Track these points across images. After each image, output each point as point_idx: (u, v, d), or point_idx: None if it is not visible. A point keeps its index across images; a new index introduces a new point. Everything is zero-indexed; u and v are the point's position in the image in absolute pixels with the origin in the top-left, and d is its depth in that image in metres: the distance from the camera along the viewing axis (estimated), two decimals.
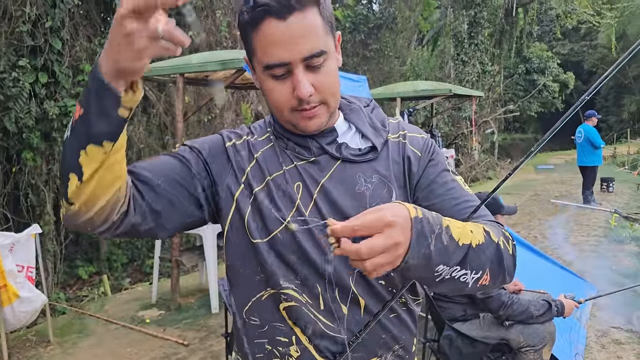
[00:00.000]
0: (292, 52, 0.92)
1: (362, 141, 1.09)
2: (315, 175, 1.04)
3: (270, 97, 0.99)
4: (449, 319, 2.81)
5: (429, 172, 1.07)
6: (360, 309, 1.01)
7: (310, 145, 1.05)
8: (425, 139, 1.12)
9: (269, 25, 0.91)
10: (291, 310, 1.02)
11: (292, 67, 0.94)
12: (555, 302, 2.75)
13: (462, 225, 0.90)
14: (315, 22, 0.93)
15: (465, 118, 15.91)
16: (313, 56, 0.93)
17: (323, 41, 0.95)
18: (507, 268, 0.98)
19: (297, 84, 0.94)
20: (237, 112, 9.05)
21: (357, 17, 14.71)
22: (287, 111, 0.99)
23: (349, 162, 1.05)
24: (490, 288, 0.99)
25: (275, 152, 1.07)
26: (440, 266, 0.84)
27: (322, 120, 1.01)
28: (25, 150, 6.48)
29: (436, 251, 0.82)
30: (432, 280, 0.86)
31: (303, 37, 0.92)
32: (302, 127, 1.01)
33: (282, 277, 1.01)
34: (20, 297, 3.69)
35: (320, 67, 0.96)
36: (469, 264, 0.88)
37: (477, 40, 16.67)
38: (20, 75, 6.10)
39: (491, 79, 17.81)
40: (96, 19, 7.81)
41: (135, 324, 4.68)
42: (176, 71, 4.82)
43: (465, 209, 1.03)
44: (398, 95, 9.07)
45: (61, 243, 7.33)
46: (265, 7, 0.90)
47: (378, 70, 15.47)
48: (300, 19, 0.91)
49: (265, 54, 0.94)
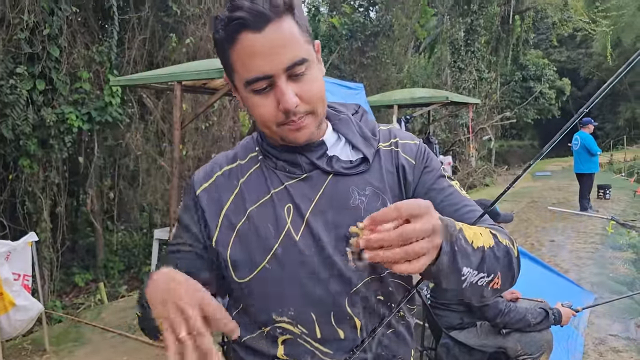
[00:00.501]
0: (273, 62, 0.89)
1: (352, 152, 1.05)
2: (307, 193, 1.00)
3: (256, 113, 0.96)
4: (446, 327, 2.81)
5: (425, 180, 1.05)
6: (357, 330, 0.99)
7: (300, 161, 1.01)
8: (418, 145, 1.10)
9: (246, 39, 0.88)
10: (288, 343, 0.99)
11: (275, 79, 0.91)
12: (553, 310, 2.75)
13: (472, 229, 0.89)
14: (293, 30, 0.90)
15: (463, 125, 15.96)
16: (295, 64, 0.90)
17: (304, 49, 0.92)
18: (515, 270, 0.97)
19: (281, 96, 0.91)
20: (235, 120, 9.06)
21: (354, 24, 14.75)
22: (274, 126, 0.96)
23: (341, 176, 1.01)
24: (500, 292, 0.98)
25: (262, 174, 1.04)
26: (465, 268, 0.83)
27: (311, 130, 0.98)
28: (22, 157, 6.47)
29: (459, 252, 0.81)
30: (460, 285, 0.85)
31: (283, 46, 0.89)
32: (291, 140, 0.98)
33: (274, 311, 0.99)
34: (16, 305, 3.67)
35: (303, 75, 0.92)
36: (485, 267, 0.87)
37: (474, 48, 16.76)
38: (17, 82, 6.10)
39: (488, 86, 17.89)
40: (94, 26, 7.83)
41: (131, 332, 4.66)
42: (174, 79, 4.83)
43: (466, 213, 1.02)
44: (395, 103, 9.08)
45: (57, 250, 7.31)
46: (240, 21, 0.87)
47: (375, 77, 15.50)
48: (277, 29, 0.88)
49: (246, 68, 0.91)
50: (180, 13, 8.27)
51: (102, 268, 8.40)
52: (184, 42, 8.25)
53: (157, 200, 9.17)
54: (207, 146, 9.06)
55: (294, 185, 1.01)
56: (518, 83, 23.08)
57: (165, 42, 8.37)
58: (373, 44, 15.19)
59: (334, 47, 14.46)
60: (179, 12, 8.23)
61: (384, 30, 15.32)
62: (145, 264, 8.72)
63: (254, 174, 1.05)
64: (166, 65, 7.98)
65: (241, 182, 1.04)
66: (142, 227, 10.24)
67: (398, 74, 16.66)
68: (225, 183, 1.05)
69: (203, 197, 1.05)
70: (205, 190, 1.06)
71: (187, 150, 8.70)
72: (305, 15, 0.97)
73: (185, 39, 8.28)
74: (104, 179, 8.75)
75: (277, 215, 0.99)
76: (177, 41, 8.21)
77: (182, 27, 8.49)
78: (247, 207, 1.01)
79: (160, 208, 9.55)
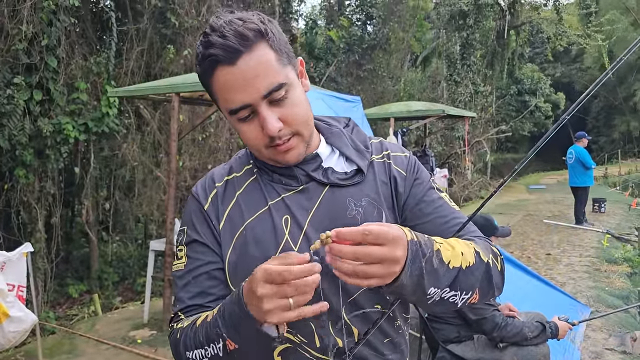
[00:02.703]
0: (249, 93, 0.92)
1: (347, 164, 1.08)
2: (304, 205, 1.02)
3: (244, 138, 1.00)
4: (442, 340, 2.80)
5: (416, 192, 1.08)
6: (355, 339, 1.00)
7: (297, 173, 1.04)
8: (409, 158, 1.12)
9: (222, 73, 0.92)
10: (286, 353, 1.00)
11: (256, 107, 0.94)
12: (550, 324, 2.75)
13: (452, 248, 0.91)
14: (267, 57, 0.93)
15: (458, 138, 16.03)
16: (272, 91, 0.93)
17: (281, 74, 0.94)
18: (495, 285, 1.00)
19: (264, 123, 0.94)
20: (232, 131, 9.06)
21: (351, 37, 14.85)
22: (263, 149, 0.99)
23: (337, 187, 1.03)
24: (479, 304, 1.01)
25: (259, 186, 1.06)
26: (431, 289, 0.86)
27: (300, 150, 1.01)
28: (18, 168, 6.45)
29: (427, 274, 0.84)
30: (424, 302, 0.89)
31: (257, 76, 0.92)
32: (280, 161, 1.01)
33: None
34: (10, 316, 3.63)
35: (284, 99, 0.95)
36: (458, 286, 0.91)
37: (470, 62, 16.89)
38: (14, 93, 6.11)
39: (483, 100, 18.00)
40: (92, 37, 7.86)
41: (126, 344, 4.62)
42: (172, 90, 4.84)
43: (455, 226, 1.04)
44: (392, 116, 9.13)
45: (52, 261, 7.27)
46: (213, 57, 0.92)
47: (371, 90, 15.57)
48: (249, 60, 0.91)
49: (226, 100, 0.95)
50: (178, 25, 8.32)
51: (97, 279, 8.34)
52: (182, 54, 8.28)
53: (152, 211, 9.14)
54: (203, 157, 9.06)
55: (291, 197, 1.03)
56: (513, 97, 23.25)
57: (163, 54, 8.40)
58: (370, 57, 15.30)
59: (331, 59, 14.55)
60: (177, 23, 8.28)
61: (380, 44, 15.44)
62: (140, 275, 8.67)
63: (251, 186, 1.06)
64: (163, 76, 8.00)
65: (238, 194, 1.06)
66: (137, 238, 10.20)
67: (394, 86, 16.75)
68: (223, 195, 1.07)
69: (211, 211, 1.07)
70: (211, 203, 1.07)
71: (184, 161, 8.70)
72: (282, 36, 0.99)
73: (183, 50, 8.32)
74: (100, 189, 8.73)
75: (275, 226, 1.01)
76: (174, 53, 8.24)
77: (180, 38, 8.54)
78: (245, 218, 1.03)
79: (155, 219, 9.52)
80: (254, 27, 0.93)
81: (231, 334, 0.86)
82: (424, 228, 1.03)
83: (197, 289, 1.02)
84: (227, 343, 0.87)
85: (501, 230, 3.09)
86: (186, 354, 0.94)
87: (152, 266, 5.12)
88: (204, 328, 0.91)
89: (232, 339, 0.86)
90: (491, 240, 1.10)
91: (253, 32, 0.92)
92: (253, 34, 0.92)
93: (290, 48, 1.00)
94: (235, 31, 0.91)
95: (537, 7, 20.49)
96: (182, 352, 0.95)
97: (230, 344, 0.87)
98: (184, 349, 0.95)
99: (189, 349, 0.93)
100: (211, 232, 1.05)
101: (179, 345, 0.96)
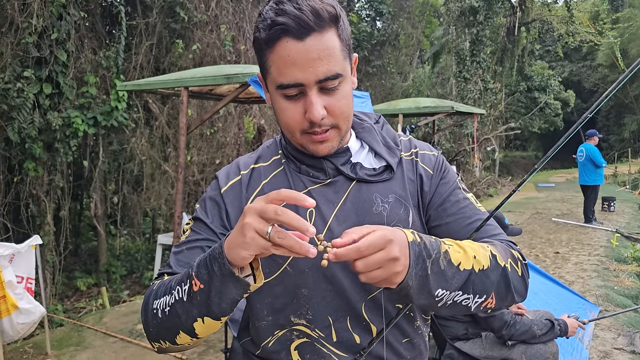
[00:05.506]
0: (307, 73, 0.89)
1: (375, 160, 1.06)
2: (331, 198, 1.01)
3: (282, 117, 0.97)
4: (450, 338, 2.79)
5: (441, 191, 1.06)
6: (372, 335, 1.00)
7: (325, 166, 1.02)
8: (437, 157, 1.11)
9: (286, 45, 0.89)
10: (303, 347, 1.00)
11: (306, 89, 0.91)
12: (558, 321, 2.73)
13: (463, 250, 0.89)
14: (333, 44, 0.91)
15: (467, 135, 15.97)
16: (328, 79, 0.91)
17: (340, 64, 0.92)
18: (515, 290, 0.97)
19: (309, 106, 0.92)
20: (240, 126, 9.07)
21: (360, 33, 14.83)
22: (298, 133, 0.97)
23: (364, 183, 1.02)
24: (498, 309, 0.98)
25: (285, 177, 1.05)
26: (439, 290, 0.84)
27: (333, 144, 0.99)
28: (27, 161, 6.50)
29: (433, 275, 0.82)
30: (434, 305, 0.86)
31: (320, 59, 0.89)
32: (311, 151, 0.99)
33: (293, 313, 0.99)
34: (19, 308, 3.66)
35: (335, 90, 0.93)
36: (471, 289, 0.88)
37: (479, 58, 16.78)
38: (24, 86, 6.14)
39: (493, 97, 17.89)
40: (102, 31, 7.89)
41: (133, 337, 4.64)
42: (181, 84, 4.83)
43: None
44: (400, 112, 9.09)
45: (60, 254, 7.32)
46: (283, 27, 0.87)
47: (380, 86, 15.56)
48: (318, 41, 0.89)
49: (280, 73, 0.91)
50: (187, 19, 8.32)
51: (104, 273, 8.40)
52: (191, 48, 8.29)
53: (160, 206, 9.18)
54: (211, 152, 9.08)
55: (317, 190, 1.02)
56: (523, 94, 23.08)
57: (172, 48, 8.42)
58: (379, 53, 15.27)
59: None
60: (186, 18, 8.28)
61: (389, 40, 15.41)
62: (148, 269, 8.72)
63: (277, 177, 1.06)
64: (172, 71, 8.02)
65: (264, 183, 1.05)
66: (144, 232, 10.25)
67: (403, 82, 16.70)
68: (248, 182, 1.06)
69: (228, 195, 1.05)
70: (230, 188, 1.06)
71: (192, 155, 8.72)
72: (349, 29, 0.97)
73: (192, 45, 8.32)
74: (108, 183, 8.78)
75: None
76: (183, 47, 8.25)
77: (189, 33, 8.54)
78: None
79: (163, 213, 9.57)
80: (331, 10, 0.90)
81: (200, 272, 0.83)
82: (447, 228, 1.02)
83: (186, 259, 1.00)
84: (192, 283, 0.83)
85: (511, 229, 3.07)
86: (153, 303, 0.92)
87: (159, 260, 5.13)
88: (179, 275, 0.90)
89: (199, 277, 0.83)
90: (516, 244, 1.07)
91: (329, 14, 0.90)
92: (329, 16, 0.90)
93: (351, 42, 0.99)
94: (313, 8, 0.88)
95: (547, 4, 20.32)
96: (150, 302, 0.93)
97: (195, 284, 0.83)
98: (154, 298, 0.92)
99: (159, 296, 0.91)
100: (219, 215, 1.04)
101: (150, 295, 0.94)
